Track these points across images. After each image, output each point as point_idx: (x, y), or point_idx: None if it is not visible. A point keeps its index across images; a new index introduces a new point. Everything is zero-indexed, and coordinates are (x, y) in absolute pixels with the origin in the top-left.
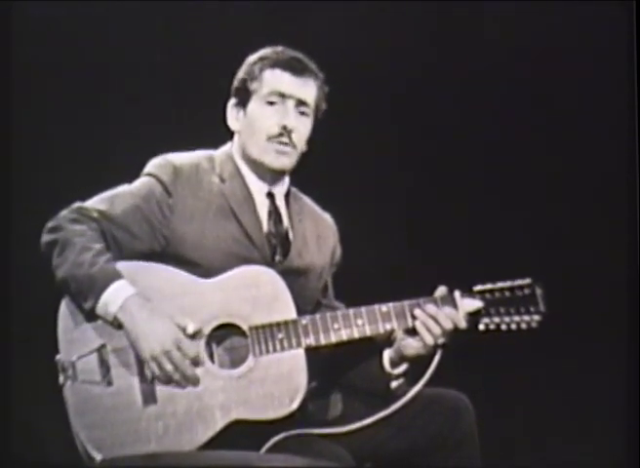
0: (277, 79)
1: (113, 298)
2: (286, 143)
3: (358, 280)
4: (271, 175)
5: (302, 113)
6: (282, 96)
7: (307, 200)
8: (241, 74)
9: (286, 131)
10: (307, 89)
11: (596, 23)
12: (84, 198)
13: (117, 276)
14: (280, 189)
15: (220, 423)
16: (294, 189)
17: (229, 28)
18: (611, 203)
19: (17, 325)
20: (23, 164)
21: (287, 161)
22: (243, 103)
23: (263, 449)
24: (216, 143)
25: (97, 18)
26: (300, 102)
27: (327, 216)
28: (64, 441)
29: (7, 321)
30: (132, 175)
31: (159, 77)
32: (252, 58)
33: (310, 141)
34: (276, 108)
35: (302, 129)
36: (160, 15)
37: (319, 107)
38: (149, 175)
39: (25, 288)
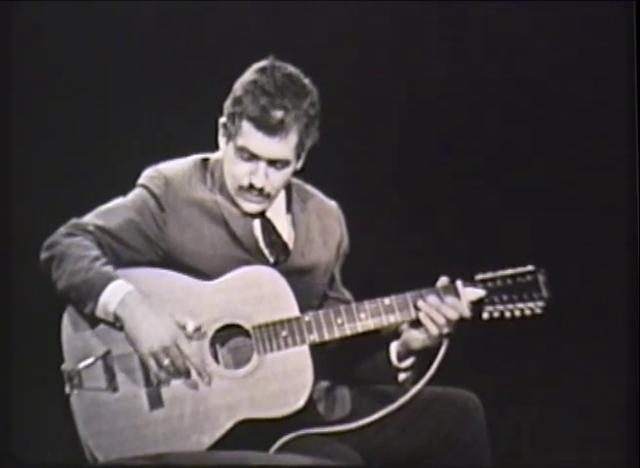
0: (250, 137)
1: (112, 297)
2: (256, 195)
3: (360, 271)
4: None
5: (277, 168)
6: (253, 155)
7: (311, 190)
8: (228, 103)
9: (255, 188)
10: (282, 146)
11: (596, 23)
12: (83, 213)
13: (114, 277)
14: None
15: (227, 424)
16: (297, 182)
17: (229, 29)
18: (610, 197)
19: (18, 326)
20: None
21: (259, 207)
22: (227, 134)
23: (272, 450)
24: (213, 148)
25: (96, 18)
26: (273, 161)
27: (332, 205)
28: (65, 441)
29: (7, 322)
30: (130, 184)
31: (158, 78)
32: (239, 85)
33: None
34: (248, 165)
35: (276, 182)
36: (160, 16)
37: (302, 151)
38: (141, 186)
39: (27, 299)
